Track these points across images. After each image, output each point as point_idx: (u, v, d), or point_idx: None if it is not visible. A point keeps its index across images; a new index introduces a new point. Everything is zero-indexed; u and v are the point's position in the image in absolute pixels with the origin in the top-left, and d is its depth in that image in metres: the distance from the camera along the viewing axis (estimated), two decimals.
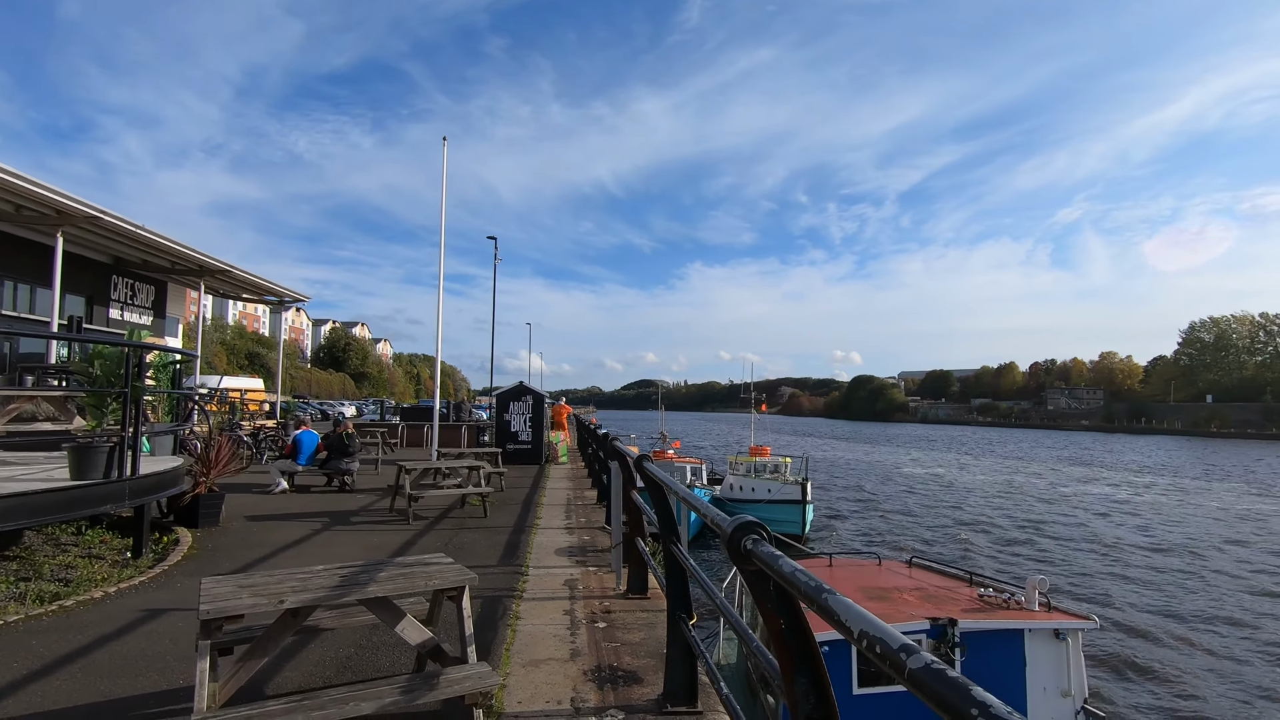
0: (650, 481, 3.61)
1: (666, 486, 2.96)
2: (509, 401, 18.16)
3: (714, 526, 1.84)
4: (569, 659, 4.42)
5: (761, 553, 1.52)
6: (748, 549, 1.57)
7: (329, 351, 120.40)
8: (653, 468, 3.58)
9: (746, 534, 1.61)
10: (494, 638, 4.77)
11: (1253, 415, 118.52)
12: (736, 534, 1.62)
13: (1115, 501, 32.91)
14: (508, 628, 5.00)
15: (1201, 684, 10.27)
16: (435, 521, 9.46)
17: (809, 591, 1.26)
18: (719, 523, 1.79)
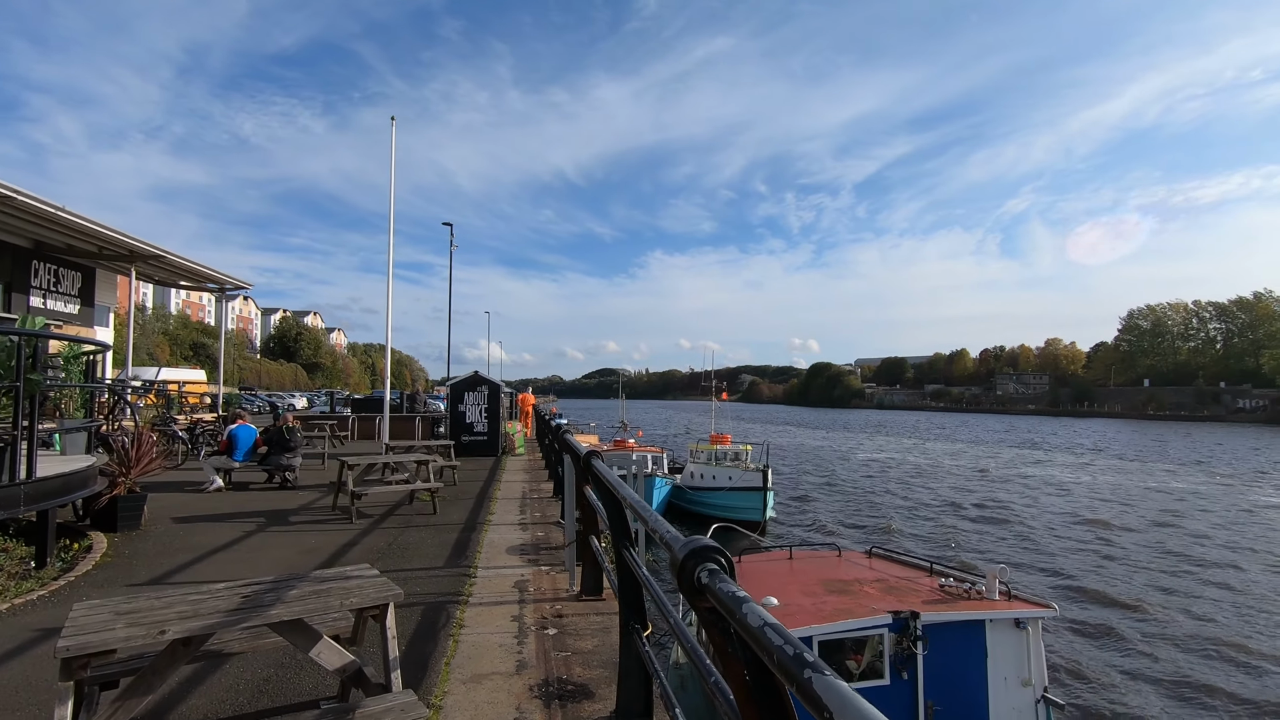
0: (599, 483, 3.27)
1: (614, 489, 2.63)
2: (464, 392, 17.61)
3: (663, 545, 1.52)
4: (515, 672, 4.08)
5: (721, 591, 1.18)
6: (702, 582, 1.25)
7: (279, 341, 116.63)
8: (602, 468, 3.25)
9: (701, 562, 1.28)
10: (434, 650, 4.40)
11: (1185, 398, 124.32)
12: (689, 562, 1.29)
13: (1058, 483, 33.96)
14: (450, 638, 4.63)
15: (1153, 664, 10.49)
16: (381, 519, 8.97)
17: (786, 663, 0.94)
18: (668, 542, 1.47)
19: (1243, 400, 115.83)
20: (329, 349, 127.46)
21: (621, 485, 2.58)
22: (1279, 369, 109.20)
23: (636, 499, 2.19)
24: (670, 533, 1.53)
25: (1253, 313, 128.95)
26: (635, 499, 2.19)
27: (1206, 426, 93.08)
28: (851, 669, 5.85)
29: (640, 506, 1.99)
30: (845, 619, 5.71)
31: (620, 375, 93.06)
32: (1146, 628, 12.15)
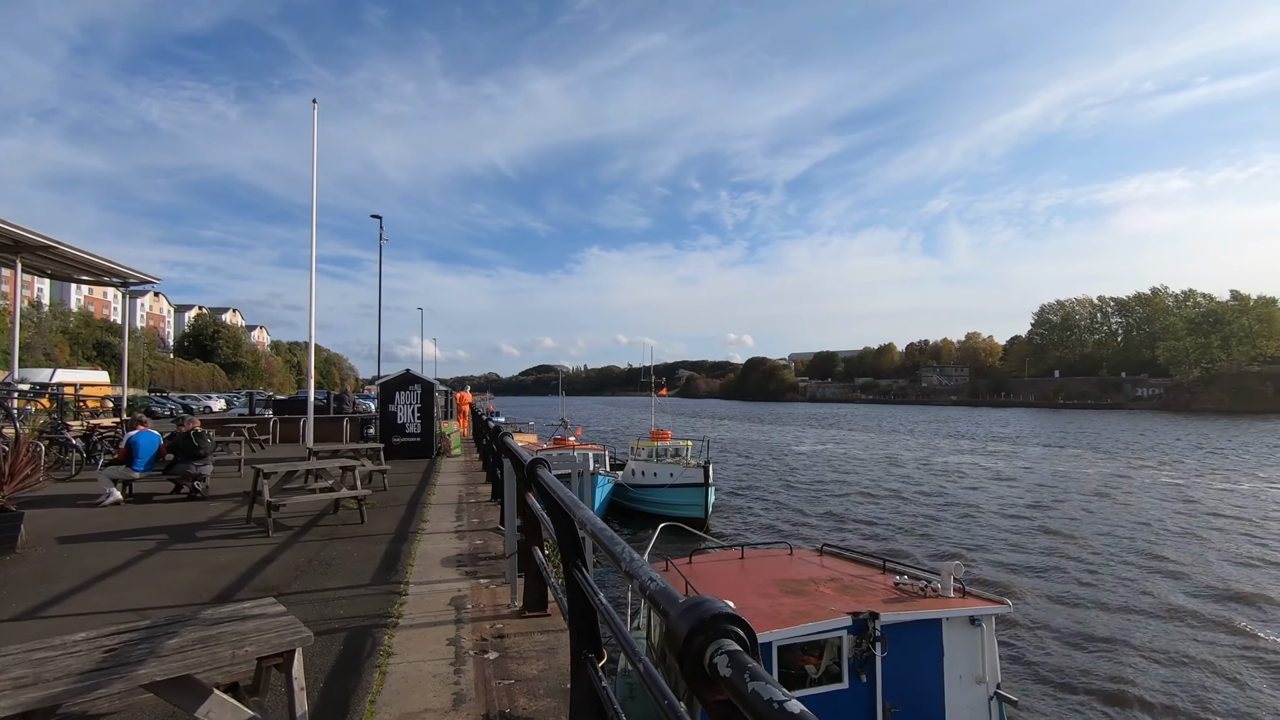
0: (545, 495, 2.86)
1: (569, 510, 2.22)
2: (394, 391, 16.73)
3: (648, 601, 1.14)
4: (451, 708, 3.62)
5: (753, 694, 0.78)
6: (720, 673, 0.86)
7: (195, 340, 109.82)
8: (550, 480, 2.83)
9: (715, 638, 0.90)
10: (356, 685, 3.88)
11: (1091, 387, 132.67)
12: (696, 637, 0.91)
13: (987, 472, 35.42)
14: (375, 669, 4.12)
15: (1097, 653, 10.82)
16: (302, 531, 8.24)
17: None
18: (655, 596, 1.09)
19: (1141, 389, 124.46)
20: (250, 347, 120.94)
21: (578, 505, 2.18)
22: (1172, 359, 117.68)
23: (598, 524, 1.80)
24: (655, 581, 1.16)
25: (1150, 307, 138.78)
26: (597, 524, 1.80)
27: (1110, 414, 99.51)
28: (810, 673, 5.64)
29: (606, 537, 1.61)
30: (804, 622, 5.49)
31: (558, 372, 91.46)
32: (1088, 616, 12.60)
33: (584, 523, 1.94)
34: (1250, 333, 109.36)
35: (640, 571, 1.27)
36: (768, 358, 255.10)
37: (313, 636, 2.61)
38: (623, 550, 1.43)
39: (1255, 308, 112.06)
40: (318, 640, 4.53)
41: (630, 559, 1.35)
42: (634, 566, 1.31)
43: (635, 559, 1.35)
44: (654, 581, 1.18)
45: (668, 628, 0.99)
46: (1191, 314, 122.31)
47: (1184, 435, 57.22)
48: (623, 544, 1.48)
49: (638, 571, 1.28)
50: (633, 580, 1.28)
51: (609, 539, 1.55)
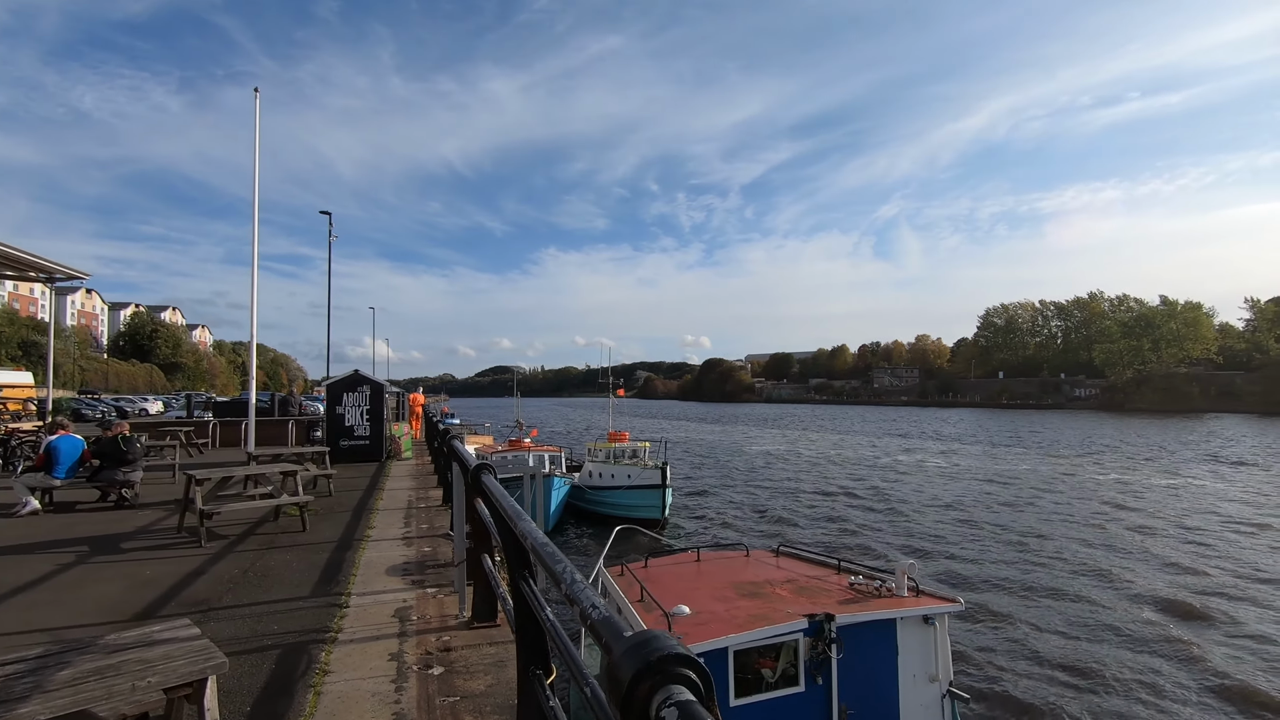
0: (489, 503, 2.68)
1: (511, 522, 2.06)
2: (342, 392, 16.16)
3: (596, 640, 0.99)
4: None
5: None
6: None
7: (131, 340, 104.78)
8: (495, 488, 2.66)
9: (663, 686, 0.76)
10: (288, 708, 3.62)
11: (1033, 388, 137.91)
12: (644, 683, 0.77)
13: (937, 470, 36.33)
14: (310, 689, 3.86)
15: (1045, 647, 11.09)
16: (238, 541, 7.82)
17: None
18: (598, 627, 0.95)
19: (1079, 389, 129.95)
20: (190, 347, 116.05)
21: (521, 516, 2.01)
22: (1108, 361, 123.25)
23: (540, 539, 1.64)
24: (598, 610, 1.02)
25: (1087, 311, 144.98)
26: (538, 539, 1.64)
27: (1050, 414, 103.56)
28: (767, 677, 5.57)
29: (548, 553, 1.45)
30: (761, 625, 5.42)
31: (515, 373, 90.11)
32: (1035, 611, 12.93)
33: (525, 535, 1.78)
34: (1178, 336, 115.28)
35: (582, 596, 1.12)
36: (724, 359, 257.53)
37: (227, 663, 2.38)
38: (565, 570, 1.29)
39: (1183, 312, 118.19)
40: (248, 660, 4.25)
41: (571, 581, 1.21)
42: (575, 590, 1.16)
43: (577, 582, 1.20)
44: (596, 610, 1.04)
45: (609, 668, 0.84)
46: (1125, 318, 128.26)
47: (1119, 434, 59.87)
48: (565, 563, 1.33)
49: (579, 596, 1.14)
50: (574, 606, 1.14)
51: (550, 556, 1.40)
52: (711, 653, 5.25)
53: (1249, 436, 54.78)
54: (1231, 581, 14.83)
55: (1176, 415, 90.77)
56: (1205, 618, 12.53)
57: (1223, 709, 9.14)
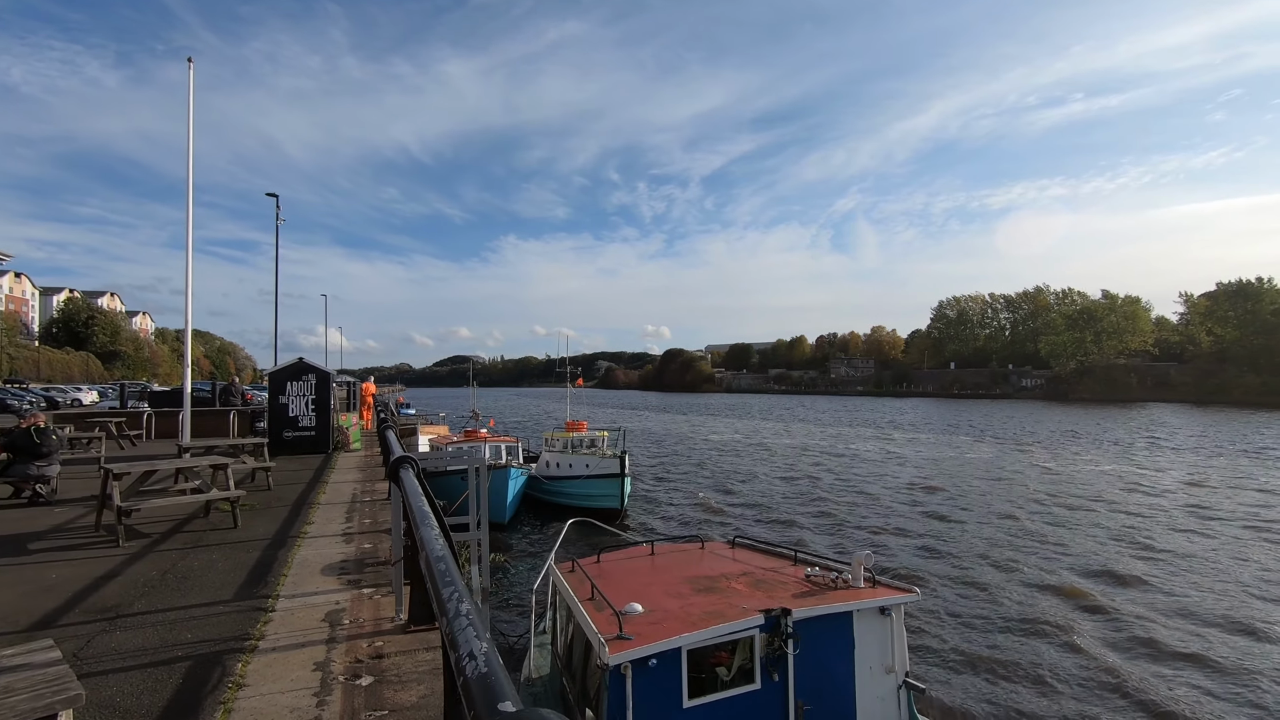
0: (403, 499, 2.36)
1: (413, 519, 1.76)
2: (286, 381, 15.44)
3: (467, 704, 0.72)
4: None
5: None
6: None
7: (65, 327, 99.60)
8: (409, 482, 2.34)
9: None
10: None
11: (983, 379, 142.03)
12: None
13: (893, 458, 36.99)
14: (219, 706, 3.49)
15: (1002, 636, 11.22)
16: (161, 539, 7.29)
17: None
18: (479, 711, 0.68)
19: (1025, 380, 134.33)
20: (130, 335, 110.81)
21: (425, 520, 1.73)
22: (1052, 352, 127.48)
23: (436, 551, 1.35)
24: (476, 661, 0.75)
25: (1034, 304, 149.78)
26: (435, 551, 1.36)
27: (998, 403, 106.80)
28: (721, 675, 5.38)
29: (440, 570, 1.17)
30: (716, 623, 5.21)
31: (473, 362, 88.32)
32: (988, 598, 13.12)
33: (423, 545, 1.49)
34: (1118, 329, 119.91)
35: (461, 639, 0.85)
36: (685, 349, 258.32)
37: (83, 695, 2.02)
38: (452, 596, 1.01)
39: (1122, 306, 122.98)
40: (152, 674, 3.85)
41: (455, 614, 0.93)
42: (456, 629, 0.89)
43: (460, 616, 0.93)
44: (474, 661, 0.77)
45: None
46: (1069, 311, 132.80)
47: (1061, 422, 62.01)
48: (456, 587, 1.05)
49: (457, 639, 0.87)
50: (452, 652, 0.86)
51: (441, 575, 1.12)
52: (664, 654, 5.02)
53: (1182, 426, 57.35)
54: (1173, 563, 15.36)
55: (1115, 405, 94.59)
56: (1148, 598, 12.91)
57: (1175, 690, 9.38)
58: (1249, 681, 9.45)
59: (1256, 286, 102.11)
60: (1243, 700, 8.98)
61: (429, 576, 1.18)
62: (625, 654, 4.86)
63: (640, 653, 4.91)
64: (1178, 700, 8.95)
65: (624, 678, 4.90)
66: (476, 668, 0.75)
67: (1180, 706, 8.77)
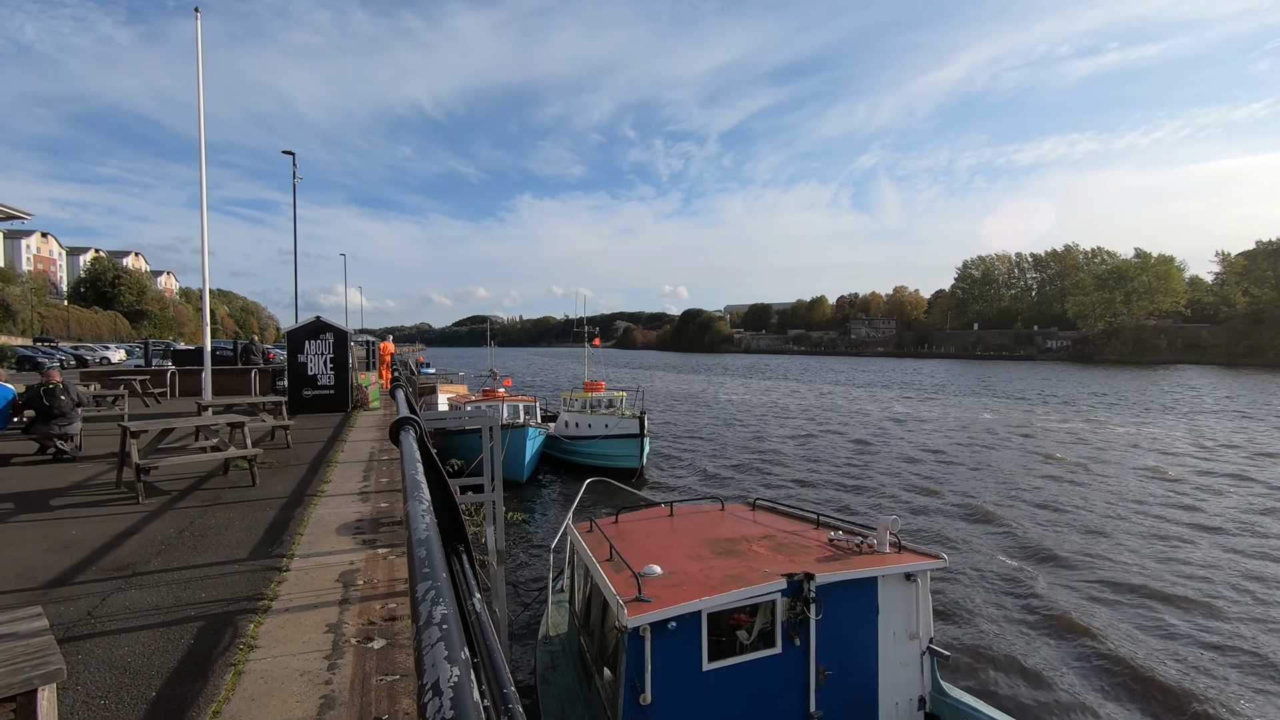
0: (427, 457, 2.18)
1: (405, 485, 1.58)
2: (304, 340, 15.43)
3: None
4: (315, 718, 2.99)
5: None
6: None
7: (93, 286, 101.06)
8: (408, 446, 2.16)
9: None
10: (200, 692, 3.19)
11: (1006, 340, 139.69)
12: None
13: (915, 419, 36.61)
14: (230, 668, 3.43)
15: (1027, 604, 11.07)
16: (180, 497, 7.30)
17: None
18: None
19: (1051, 341, 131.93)
20: (156, 294, 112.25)
21: (414, 493, 1.53)
22: (1080, 313, 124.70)
23: (421, 533, 1.17)
24: (443, 703, 0.55)
25: (1062, 263, 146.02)
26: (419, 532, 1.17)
27: (1023, 365, 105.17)
28: (742, 639, 5.28)
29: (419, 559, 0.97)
30: (737, 587, 5.09)
31: (491, 322, 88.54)
32: (1016, 565, 12.95)
33: (409, 519, 1.30)
34: (1149, 289, 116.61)
35: (429, 660, 0.66)
36: (703, 309, 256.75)
37: (64, 670, 1.90)
38: (427, 592, 0.81)
39: (1155, 265, 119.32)
40: (163, 634, 3.80)
41: (427, 621, 0.73)
42: (425, 642, 0.69)
43: (434, 627, 0.73)
44: (438, 698, 0.57)
45: None
46: (1099, 270, 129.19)
47: (1084, 384, 60.91)
48: (436, 579, 0.85)
49: (424, 658, 0.67)
50: (416, 677, 0.67)
51: (419, 563, 0.92)
52: (684, 617, 4.92)
53: (1214, 388, 56.05)
54: (1213, 529, 15.04)
55: (1143, 366, 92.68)
56: (1185, 564, 12.67)
57: (1215, 664, 9.21)
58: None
59: None
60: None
61: (408, 563, 0.99)
62: (644, 616, 4.77)
63: (659, 615, 4.81)
64: (1207, 688, 8.78)
65: (643, 640, 4.82)
66: (440, 710, 0.55)
67: (1210, 694, 8.61)
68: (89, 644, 3.69)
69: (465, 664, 0.62)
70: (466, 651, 0.68)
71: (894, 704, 5.80)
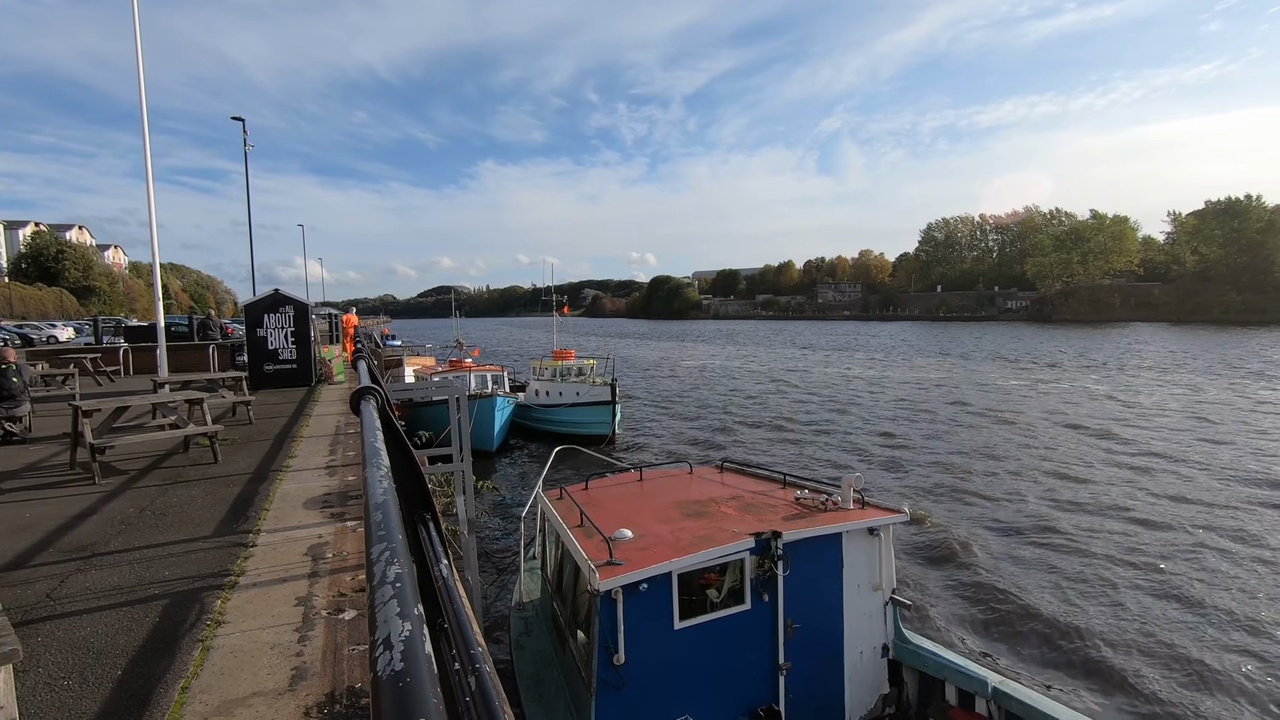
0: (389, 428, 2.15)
1: (365, 455, 1.56)
2: (263, 314, 15.03)
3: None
4: (288, 688, 2.99)
5: None
6: None
7: (35, 261, 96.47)
8: (369, 415, 2.14)
9: None
10: (168, 668, 3.17)
11: (968, 301, 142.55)
12: None
13: (880, 381, 37.36)
14: (198, 644, 3.40)
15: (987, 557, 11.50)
16: (139, 476, 7.14)
17: None
18: None
19: (1011, 301, 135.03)
20: (104, 269, 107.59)
21: (372, 461, 1.51)
22: (1039, 274, 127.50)
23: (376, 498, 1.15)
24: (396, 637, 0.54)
25: (1022, 225, 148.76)
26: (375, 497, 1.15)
27: (985, 325, 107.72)
28: (712, 597, 5.41)
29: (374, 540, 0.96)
30: (706, 547, 5.19)
31: (457, 292, 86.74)
32: (974, 516, 13.43)
33: (367, 488, 1.29)
34: (1105, 249, 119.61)
35: (380, 617, 0.65)
36: (672, 276, 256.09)
37: (20, 650, 1.86)
38: (381, 553, 0.80)
39: (1110, 226, 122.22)
40: (128, 613, 3.75)
41: (380, 580, 0.73)
42: (378, 600, 0.69)
43: (388, 585, 0.73)
44: (388, 651, 0.58)
45: None
46: (1057, 231, 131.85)
47: (1041, 343, 62.69)
48: (392, 541, 0.85)
49: (377, 616, 0.67)
50: (369, 633, 0.67)
51: (375, 525, 0.92)
52: (655, 578, 5.01)
53: (1159, 343, 58.18)
54: (1161, 480, 15.76)
55: (1099, 325, 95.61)
56: (1139, 520, 13.28)
57: (1165, 617, 9.72)
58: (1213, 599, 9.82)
59: (1244, 204, 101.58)
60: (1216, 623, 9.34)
61: (365, 527, 0.99)
62: (616, 579, 4.84)
63: (631, 578, 4.89)
64: (1148, 636, 9.28)
65: (615, 602, 4.90)
66: (390, 662, 0.56)
67: (1150, 643, 9.10)
68: (49, 626, 3.62)
69: (418, 620, 0.62)
70: (420, 609, 0.68)
71: (859, 653, 6.03)
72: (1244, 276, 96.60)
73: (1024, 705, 5.18)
